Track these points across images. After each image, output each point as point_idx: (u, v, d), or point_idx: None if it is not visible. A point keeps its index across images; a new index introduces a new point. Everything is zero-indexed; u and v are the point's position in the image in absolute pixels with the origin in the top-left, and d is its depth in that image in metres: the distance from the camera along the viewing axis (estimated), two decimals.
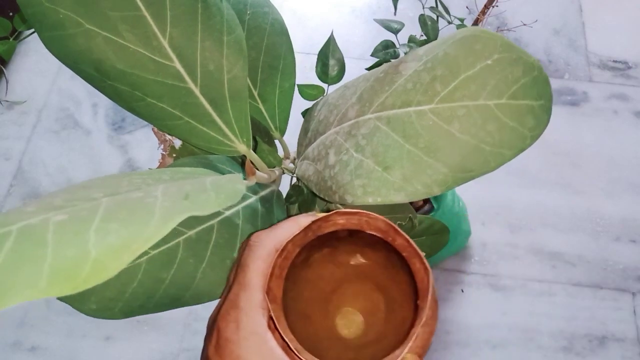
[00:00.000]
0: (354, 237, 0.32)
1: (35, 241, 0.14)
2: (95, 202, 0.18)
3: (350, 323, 0.34)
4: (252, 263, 0.30)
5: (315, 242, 0.32)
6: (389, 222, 0.30)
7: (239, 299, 0.29)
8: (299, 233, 0.30)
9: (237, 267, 0.31)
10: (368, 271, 0.35)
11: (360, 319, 0.34)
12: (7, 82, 1.10)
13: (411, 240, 0.30)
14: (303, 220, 0.32)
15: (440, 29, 0.50)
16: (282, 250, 0.30)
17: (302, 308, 0.33)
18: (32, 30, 0.50)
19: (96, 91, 0.35)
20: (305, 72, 0.68)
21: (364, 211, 0.31)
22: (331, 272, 0.35)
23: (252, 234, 0.32)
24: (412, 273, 0.30)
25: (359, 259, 0.35)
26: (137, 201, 0.18)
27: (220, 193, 0.22)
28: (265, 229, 0.33)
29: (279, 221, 0.34)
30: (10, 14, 0.52)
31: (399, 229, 0.30)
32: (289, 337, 0.28)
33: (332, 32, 0.47)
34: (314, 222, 0.31)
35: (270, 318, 0.28)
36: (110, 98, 0.35)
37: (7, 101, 1.10)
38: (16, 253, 0.14)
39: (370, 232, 0.31)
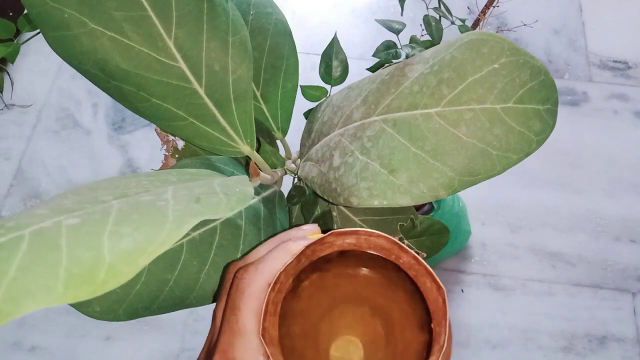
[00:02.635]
0: (345, 256, 0.30)
1: (49, 245, 0.14)
2: (105, 205, 0.18)
3: (349, 353, 0.31)
4: (243, 304, 0.27)
5: (305, 267, 0.29)
6: (392, 239, 0.28)
7: (233, 348, 0.26)
8: (291, 261, 0.27)
9: (226, 308, 0.28)
10: (363, 293, 0.32)
11: (359, 347, 0.31)
12: (12, 83, 1.10)
13: (419, 258, 0.27)
14: (294, 246, 0.28)
15: (442, 29, 0.50)
16: (275, 283, 0.27)
17: (295, 345, 0.30)
18: (35, 32, 0.50)
19: (96, 91, 0.34)
20: (305, 72, 0.68)
21: (362, 229, 0.28)
22: (322, 300, 0.32)
23: (239, 268, 0.29)
24: (421, 293, 0.28)
25: (351, 281, 0.32)
26: (149, 204, 0.18)
27: (230, 196, 0.22)
28: (251, 261, 0.29)
29: (261, 243, 0.31)
30: (11, 14, 0.52)
31: (404, 246, 0.28)
32: None
33: (335, 34, 0.47)
34: (307, 247, 0.28)
35: None
36: (115, 99, 0.35)
37: (14, 105, 1.10)
38: (31, 257, 0.14)
39: (371, 252, 0.29)
